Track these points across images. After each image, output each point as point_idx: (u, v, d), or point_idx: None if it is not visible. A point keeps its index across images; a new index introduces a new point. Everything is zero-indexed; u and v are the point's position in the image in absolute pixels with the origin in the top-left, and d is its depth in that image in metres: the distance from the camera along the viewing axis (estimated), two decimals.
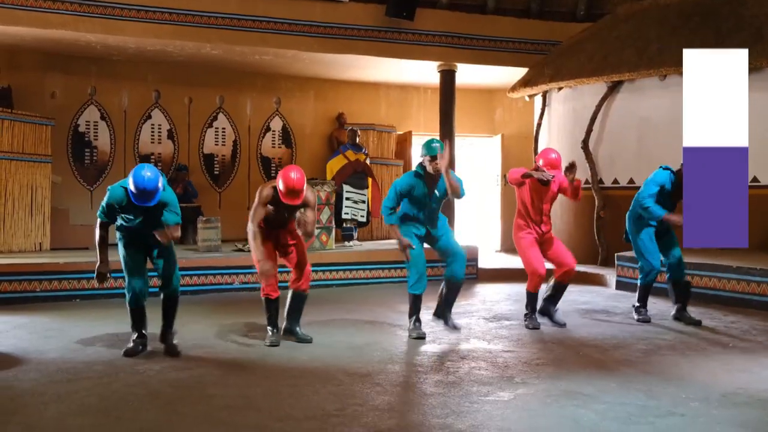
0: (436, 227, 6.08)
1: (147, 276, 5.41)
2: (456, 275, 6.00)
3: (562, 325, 6.41)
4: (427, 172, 5.87)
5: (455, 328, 6.15)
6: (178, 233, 5.27)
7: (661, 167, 6.63)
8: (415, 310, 6.05)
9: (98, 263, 5.29)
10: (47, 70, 10.78)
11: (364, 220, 10.69)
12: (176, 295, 5.44)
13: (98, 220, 5.28)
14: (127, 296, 5.32)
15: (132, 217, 5.20)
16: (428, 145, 5.88)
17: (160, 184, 5.02)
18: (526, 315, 6.47)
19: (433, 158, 5.79)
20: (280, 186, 5.40)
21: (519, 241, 6.43)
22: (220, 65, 11.45)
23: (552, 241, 6.43)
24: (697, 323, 6.51)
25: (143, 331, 5.39)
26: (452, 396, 4.23)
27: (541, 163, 6.30)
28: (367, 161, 10.80)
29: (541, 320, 6.44)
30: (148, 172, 4.96)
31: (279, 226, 5.76)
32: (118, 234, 5.36)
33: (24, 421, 3.78)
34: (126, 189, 5.08)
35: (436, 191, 5.93)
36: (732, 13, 9.44)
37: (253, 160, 12.26)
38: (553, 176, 6.26)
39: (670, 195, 6.49)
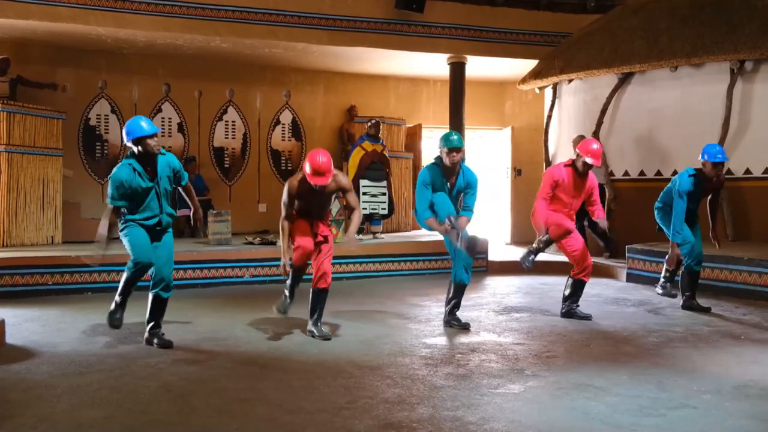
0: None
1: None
2: (463, 279, 6.00)
3: (588, 317, 6.41)
4: (444, 164, 5.86)
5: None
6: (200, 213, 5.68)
7: (687, 173, 6.65)
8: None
9: (99, 242, 5.22)
10: (58, 64, 10.81)
11: (386, 212, 10.40)
12: (168, 297, 5.38)
13: (110, 207, 5.18)
14: (130, 265, 5.18)
15: (141, 190, 5.14)
16: (446, 138, 5.85)
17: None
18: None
19: (451, 150, 5.77)
20: (307, 169, 5.46)
21: (548, 217, 6.35)
22: (229, 58, 11.46)
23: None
24: (707, 310, 6.69)
25: (125, 303, 5.31)
26: (463, 389, 4.23)
27: (584, 153, 6.24)
28: (386, 153, 10.57)
29: (568, 320, 6.42)
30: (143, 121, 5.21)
31: (315, 216, 5.77)
32: (122, 226, 5.23)
33: (37, 413, 3.80)
34: (129, 164, 5.14)
35: (453, 184, 5.89)
36: (743, 3, 9.36)
37: (263, 154, 12.27)
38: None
39: (698, 194, 6.66)
